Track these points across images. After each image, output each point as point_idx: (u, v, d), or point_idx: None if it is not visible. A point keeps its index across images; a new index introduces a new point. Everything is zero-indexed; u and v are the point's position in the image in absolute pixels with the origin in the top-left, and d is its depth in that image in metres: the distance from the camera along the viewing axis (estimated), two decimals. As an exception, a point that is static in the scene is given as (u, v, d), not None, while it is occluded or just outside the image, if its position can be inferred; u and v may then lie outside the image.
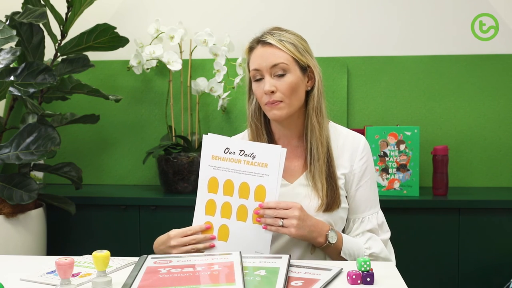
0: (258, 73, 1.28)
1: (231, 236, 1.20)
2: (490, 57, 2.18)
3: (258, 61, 1.27)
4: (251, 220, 1.19)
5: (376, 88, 2.23)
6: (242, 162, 1.19)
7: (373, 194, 1.35)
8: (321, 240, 1.22)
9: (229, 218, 1.20)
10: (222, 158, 1.20)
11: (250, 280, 0.96)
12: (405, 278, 1.02)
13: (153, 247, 1.28)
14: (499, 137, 2.18)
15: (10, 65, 1.67)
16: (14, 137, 1.73)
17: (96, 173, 2.34)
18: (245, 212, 1.20)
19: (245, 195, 1.19)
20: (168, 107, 2.19)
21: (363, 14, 2.25)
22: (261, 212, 1.18)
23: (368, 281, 0.97)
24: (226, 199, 1.21)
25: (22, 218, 1.78)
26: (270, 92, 1.25)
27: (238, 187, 1.20)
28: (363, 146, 1.33)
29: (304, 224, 1.18)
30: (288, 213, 1.17)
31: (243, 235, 1.19)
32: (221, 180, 1.21)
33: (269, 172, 1.18)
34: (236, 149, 1.19)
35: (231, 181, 1.20)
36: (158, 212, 1.97)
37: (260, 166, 1.18)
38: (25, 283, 1.02)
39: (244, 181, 1.19)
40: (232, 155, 1.20)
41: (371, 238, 1.30)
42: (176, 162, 2.01)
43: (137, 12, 2.32)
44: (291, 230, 1.16)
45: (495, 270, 1.87)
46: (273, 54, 1.26)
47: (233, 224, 1.20)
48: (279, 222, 1.17)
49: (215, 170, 1.21)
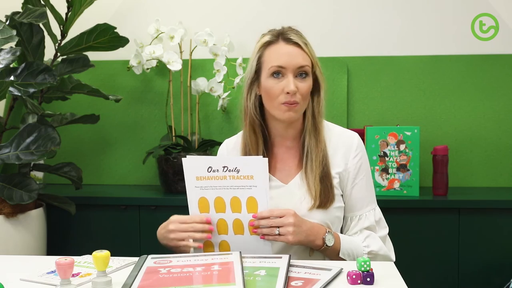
0: (282, 70, 1.25)
1: (232, 249, 1.21)
2: (490, 57, 2.18)
3: (284, 58, 1.25)
4: (248, 232, 1.20)
5: (376, 88, 2.23)
6: (228, 178, 1.18)
7: (369, 191, 1.34)
8: (319, 243, 1.22)
9: (227, 234, 1.21)
10: (206, 177, 1.19)
11: (250, 280, 0.96)
12: (405, 278, 1.02)
13: (157, 233, 1.29)
14: (499, 137, 2.18)
15: (10, 65, 1.67)
16: (14, 137, 1.73)
17: (96, 173, 2.34)
18: (241, 225, 1.20)
19: (238, 209, 1.20)
20: (168, 107, 2.19)
21: (363, 14, 2.25)
22: (256, 223, 1.18)
23: (368, 281, 0.97)
24: (220, 216, 1.21)
25: (22, 218, 1.78)
26: (294, 93, 1.24)
27: (229, 202, 1.20)
28: (356, 143, 1.33)
29: (300, 229, 1.18)
30: (283, 221, 1.17)
31: (244, 248, 1.19)
32: (211, 198, 1.20)
33: (256, 183, 1.18)
34: (219, 166, 1.18)
35: (221, 198, 1.20)
36: (158, 212, 1.97)
37: (246, 178, 1.18)
38: (25, 283, 1.02)
39: (234, 195, 1.19)
40: (216, 173, 1.19)
41: (369, 236, 1.30)
42: (176, 162, 2.01)
43: (137, 12, 2.32)
44: (288, 237, 1.17)
45: (495, 270, 1.87)
46: (301, 55, 1.26)
47: (232, 238, 1.21)
48: (275, 231, 1.17)
49: (202, 190, 1.20)
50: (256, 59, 1.30)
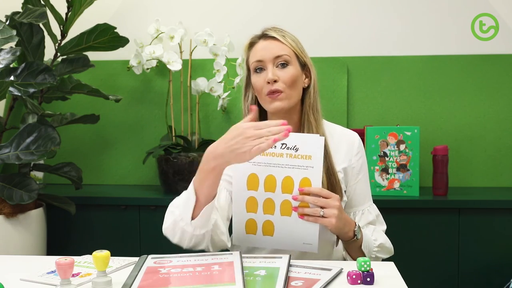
0: (260, 64, 1.29)
1: (276, 230, 1.17)
2: (490, 57, 2.18)
3: (261, 52, 1.29)
4: (295, 214, 1.15)
5: (376, 88, 2.23)
6: (284, 156, 1.14)
7: (368, 188, 1.40)
8: (350, 234, 1.23)
9: (273, 214, 1.16)
10: (263, 153, 1.12)
11: (250, 280, 0.96)
12: (405, 278, 1.02)
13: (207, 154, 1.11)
14: (499, 137, 2.18)
15: (10, 65, 1.67)
16: (14, 137, 1.73)
17: (96, 173, 2.34)
18: (289, 207, 1.15)
19: (289, 189, 1.15)
20: (168, 107, 2.19)
21: (362, 14, 2.25)
22: (300, 198, 1.14)
23: (368, 281, 0.97)
24: (268, 195, 1.16)
25: (22, 218, 1.78)
26: (273, 82, 1.26)
27: (281, 181, 1.15)
28: (358, 142, 1.38)
29: (342, 216, 1.17)
30: (329, 202, 1.14)
31: (289, 229, 1.15)
32: (262, 176, 1.16)
33: (313, 164, 1.13)
34: (277, 143, 1.13)
35: (273, 176, 1.15)
36: (158, 212, 1.96)
37: (304, 158, 1.13)
38: (25, 283, 1.02)
39: (288, 175, 1.15)
40: (273, 149, 1.15)
41: (375, 229, 1.34)
42: (176, 162, 2.01)
43: (137, 12, 2.32)
44: (332, 220, 1.14)
45: (495, 270, 1.87)
46: (277, 46, 1.29)
47: (278, 219, 1.16)
48: (319, 211, 1.14)
49: (254, 166, 1.16)
50: (245, 62, 1.36)
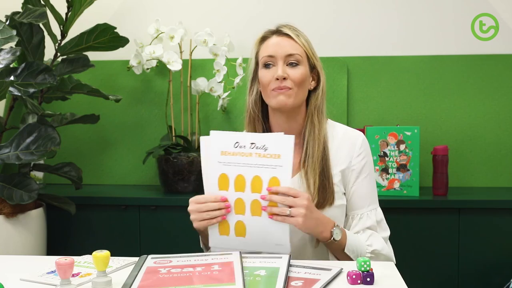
0: (271, 59, 1.29)
1: (248, 231, 1.17)
2: (490, 57, 2.18)
3: (273, 48, 1.28)
4: (265, 214, 1.15)
5: (376, 88, 2.23)
6: (253, 155, 1.14)
7: (371, 191, 1.35)
8: (326, 235, 1.20)
9: (244, 214, 1.16)
10: (232, 153, 1.15)
11: (250, 280, 0.96)
12: (405, 278, 1.02)
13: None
14: (499, 137, 2.18)
15: (10, 65, 1.67)
16: (14, 137, 1.73)
17: (96, 173, 2.34)
18: (259, 206, 1.15)
19: (258, 189, 1.15)
20: (168, 107, 2.18)
21: (363, 14, 2.25)
22: (268, 198, 1.14)
23: (368, 281, 0.97)
24: (238, 195, 1.16)
25: (22, 218, 1.78)
26: (282, 79, 1.26)
27: (250, 181, 1.15)
28: (360, 142, 1.34)
29: (311, 215, 1.15)
30: (296, 201, 1.13)
31: (260, 230, 1.15)
32: (232, 176, 1.16)
33: (282, 163, 1.13)
34: (246, 143, 1.14)
35: (242, 176, 1.15)
36: (158, 212, 1.97)
37: (273, 157, 1.14)
38: (25, 283, 1.02)
39: (257, 174, 1.15)
40: (242, 149, 1.15)
41: (372, 235, 1.30)
42: (176, 162, 2.01)
43: (137, 12, 2.32)
44: (298, 220, 1.13)
45: (495, 270, 1.87)
46: (290, 44, 1.29)
47: (249, 220, 1.16)
48: (286, 211, 1.13)
49: (225, 166, 1.16)
50: (254, 56, 1.34)
